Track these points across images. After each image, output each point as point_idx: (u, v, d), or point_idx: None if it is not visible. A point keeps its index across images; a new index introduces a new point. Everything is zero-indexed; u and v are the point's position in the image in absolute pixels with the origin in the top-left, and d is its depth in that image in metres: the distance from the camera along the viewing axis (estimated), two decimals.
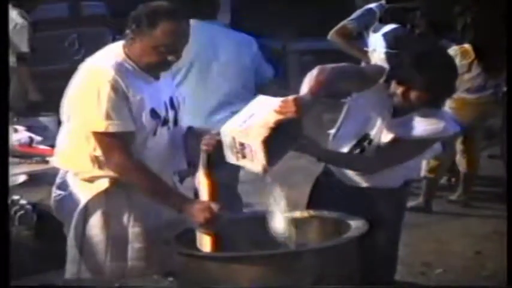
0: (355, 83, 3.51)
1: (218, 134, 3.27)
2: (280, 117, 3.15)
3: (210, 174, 3.33)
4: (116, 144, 3.28)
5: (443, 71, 3.46)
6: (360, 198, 3.61)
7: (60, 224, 3.58)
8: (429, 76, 3.39)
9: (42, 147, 4.97)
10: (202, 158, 3.34)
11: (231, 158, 3.23)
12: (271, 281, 3.05)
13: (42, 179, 4.83)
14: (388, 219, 3.65)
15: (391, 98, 3.47)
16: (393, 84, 3.45)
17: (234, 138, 3.18)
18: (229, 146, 3.21)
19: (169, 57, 3.32)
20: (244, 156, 3.18)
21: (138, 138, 3.34)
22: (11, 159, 4.58)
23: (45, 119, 5.47)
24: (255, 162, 3.16)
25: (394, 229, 3.75)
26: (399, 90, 3.42)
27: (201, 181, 3.34)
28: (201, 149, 3.34)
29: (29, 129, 5.15)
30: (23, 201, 4.71)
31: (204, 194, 3.32)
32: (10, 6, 6.84)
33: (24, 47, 6.95)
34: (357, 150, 3.58)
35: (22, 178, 4.63)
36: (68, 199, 3.47)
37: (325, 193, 3.71)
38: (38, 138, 5.00)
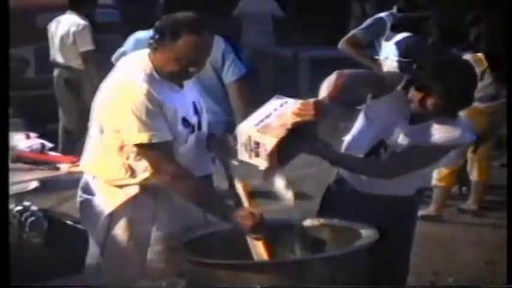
0: (372, 88, 3.51)
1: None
2: (298, 119, 3.18)
3: (241, 179, 3.38)
4: (163, 155, 3.32)
5: (462, 80, 3.45)
6: (373, 206, 3.60)
7: (71, 231, 3.60)
8: (448, 84, 3.38)
9: (53, 153, 4.99)
10: (231, 165, 3.38)
11: (243, 155, 3.26)
12: None
13: (54, 185, 4.86)
14: (401, 228, 3.64)
15: (408, 104, 3.47)
16: (411, 91, 3.45)
17: (250, 137, 3.22)
18: (243, 143, 3.24)
19: (191, 69, 3.35)
20: (257, 155, 3.21)
21: (174, 147, 3.37)
22: (21, 166, 4.61)
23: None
24: (267, 161, 3.19)
25: (406, 237, 3.74)
26: (417, 97, 3.42)
27: (236, 186, 3.38)
28: (226, 156, 3.38)
29: (41, 136, 5.17)
30: (34, 208, 4.73)
31: (243, 199, 3.37)
32: (69, 11, 7.26)
33: (89, 45, 7.23)
34: (372, 157, 3.57)
35: (33, 184, 4.64)
36: (95, 204, 3.49)
37: (337, 201, 3.70)
38: (49, 144, 5.03)
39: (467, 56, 6.05)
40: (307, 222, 3.54)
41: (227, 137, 3.51)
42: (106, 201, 3.46)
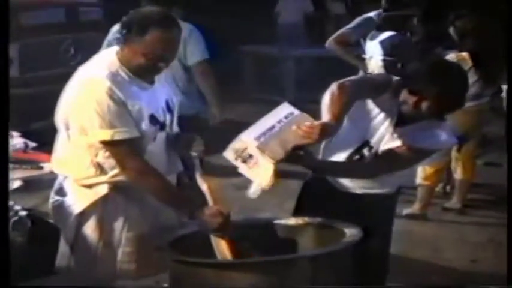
0: (368, 94, 3.53)
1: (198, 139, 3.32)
2: (301, 141, 3.19)
3: (206, 178, 3.36)
4: (128, 151, 3.32)
5: (457, 84, 3.49)
6: (352, 203, 3.62)
7: (54, 230, 3.59)
8: (444, 88, 3.41)
9: (36, 153, 4.98)
10: (196, 164, 3.37)
11: (230, 155, 3.25)
12: None
13: (37, 185, 4.84)
14: (380, 225, 3.67)
15: (397, 106, 3.48)
16: (404, 93, 3.47)
17: (246, 148, 3.22)
18: (236, 148, 3.23)
19: (160, 64, 3.34)
20: (244, 161, 3.21)
21: (140, 145, 3.37)
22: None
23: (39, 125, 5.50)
24: (253, 172, 3.20)
25: (385, 234, 3.76)
26: (412, 99, 3.44)
27: (201, 186, 3.37)
28: (192, 155, 3.37)
29: (24, 135, 5.15)
30: (17, 207, 4.71)
31: (208, 198, 3.34)
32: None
33: None
34: (356, 157, 3.59)
35: (17, 184, 4.63)
36: (66, 205, 3.49)
37: (315, 200, 3.71)
38: (32, 144, 5.01)
39: (451, 55, 6.08)
40: (292, 221, 3.55)
41: (193, 136, 3.53)
42: (76, 201, 3.45)
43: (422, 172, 6.21)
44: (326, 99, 3.33)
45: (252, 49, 11.08)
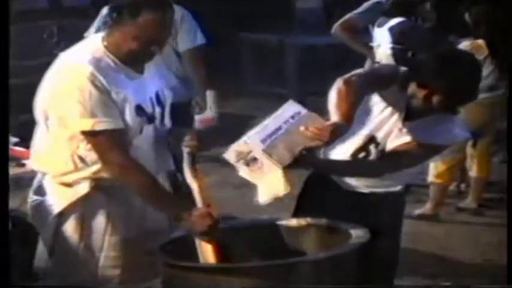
0: (374, 87, 3.54)
1: (199, 133, 3.36)
2: (310, 143, 3.20)
3: (197, 176, 3.36)
4: (109, 143, 3.30)
5: (469, 75, 3.50)
6: (357, 202, 3.63)
7: (36, 232, 3.59)
8: (455, 81, 3.41)
9: (18, 149, 4.98)
10: (187, 161, 3.38)
11: (231, 157, 3.26)
12: None
13: (18, 183, 4.84)
14: (388, 226, 3.68)
15: (406, 99, 3.49)
16: (412, 86, 3.47)
17: (250, 151, 3.22)
18: (239, 150, 3.24)
19: (152, 48, 3.35)
20: (247, 164, 3.22)
21: (124, 137, 3.36)
22: None
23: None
24: (256, 176, 3.22)
25: (394, 236, 3.77)
26: (421, 93, 3.44)
27: (190, 185, 3.36)
28: (183, 151, 3.37)
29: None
30: None
31: (197, 198, 3.34)
32: None
33: None
34: (361, 154, 3.60)
35: None
36: (45, 205, 3.48)
37: (317, 196, 3.72)
38: (14, 139, 5.01)
39: (465, 43, 6.08)
40: (293, 222, 3.55)
41: (186, 131, 3.52)
42: (55, 200, 3.44)
43: (434, 169, 6.21)
44: (333, 97, 3.32)
45: (252, 37, 11.03)
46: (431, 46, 5.38)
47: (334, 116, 3.28)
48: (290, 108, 3.32)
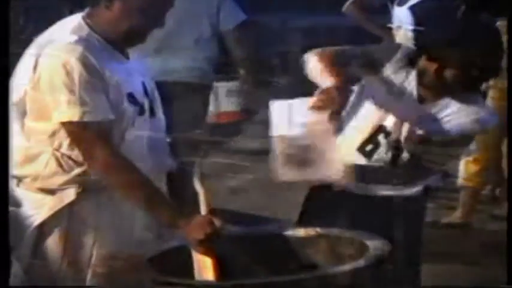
0: (361, 66, 3.54)
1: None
2: (323, 112, 3.24)
3: (204, 183, 3.40)
4: (97, 138, 3.30)
5: (486, 44, 3.50)
6: (370, 208, 3.64)
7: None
8: (470, 50, 3.42)
9: None
10: (197, 165, 3.41)
11: (286, 172, 3.34)
12: None
13: None
14: (406, 234, 3.68)
15: (416, 80, 3.50)
16: (422, 62, 3.48)
17: (290, 145, 3.30)
18: (286, 153, 3.32)
19: (152, 23, 3.39)
20: (304, 164, 3.28)
21: (116, 129, 3.37)
22: None
23: None
24: (323, 166, 3.29)
25: (412, 247, 3.79)
26: (432, 67, 3.45)
27: (198, 190, 3.40)
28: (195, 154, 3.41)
29: None
30: None
31: (202, 206, 3.38)
32: None
33: None
34: (369, 147, 3.60)
35: None
36: (22, 217, 3.47)
37: (325, 202, 3.74)
38: None
39: (501, 23, 6.10)
40: (301, 232, 3.57)
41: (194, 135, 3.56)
42: (34, 211, 3.44)
43: (464, 171, 6.21)
44: (312, 70, 3.39)
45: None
46: (460, 27, 5.39)
47: (324, 84, 3.33)
48: (280, 109, 3.39)
